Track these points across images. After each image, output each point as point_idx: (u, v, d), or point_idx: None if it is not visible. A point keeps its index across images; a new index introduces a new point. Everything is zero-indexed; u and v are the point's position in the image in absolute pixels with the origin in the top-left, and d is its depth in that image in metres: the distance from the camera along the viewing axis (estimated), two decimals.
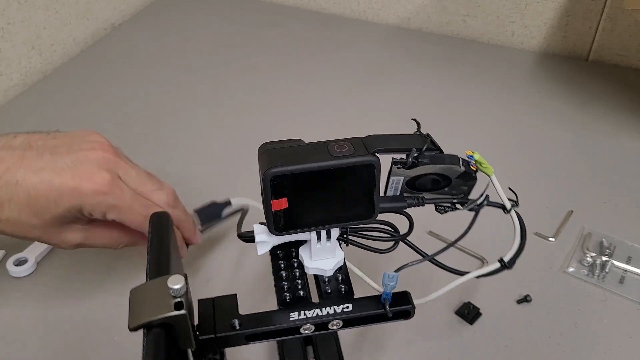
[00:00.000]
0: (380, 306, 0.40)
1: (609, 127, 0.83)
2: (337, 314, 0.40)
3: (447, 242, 0.64)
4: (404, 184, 0.40)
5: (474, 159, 0.39)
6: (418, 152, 0.38)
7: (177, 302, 0.36)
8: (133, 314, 0.36)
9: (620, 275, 0.62)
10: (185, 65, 0.97)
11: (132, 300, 0.37)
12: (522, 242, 0.41)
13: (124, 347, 0.55)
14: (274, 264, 0.44)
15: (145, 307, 0.36)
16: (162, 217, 0.44)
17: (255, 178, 0.38)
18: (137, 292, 0.38)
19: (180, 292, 0.37)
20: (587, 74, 0.94)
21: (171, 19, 1.11)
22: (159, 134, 0.83)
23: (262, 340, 0.40)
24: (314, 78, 0.94)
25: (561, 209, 0.69)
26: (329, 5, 1.13)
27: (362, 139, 0.38)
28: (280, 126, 0.83)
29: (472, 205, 0.40)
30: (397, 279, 0.39)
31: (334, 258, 0.42)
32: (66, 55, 1.00)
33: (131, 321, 0.36)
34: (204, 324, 0.40)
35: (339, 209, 0.39)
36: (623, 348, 0.55)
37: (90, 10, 1.03)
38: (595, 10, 0.94)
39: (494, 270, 0.41)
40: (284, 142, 0.39)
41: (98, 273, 0.62)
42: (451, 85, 0.92)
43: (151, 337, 0.35)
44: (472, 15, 1.03)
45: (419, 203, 0.41)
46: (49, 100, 0.90)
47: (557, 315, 0.58)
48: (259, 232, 0.41)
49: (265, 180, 0.36)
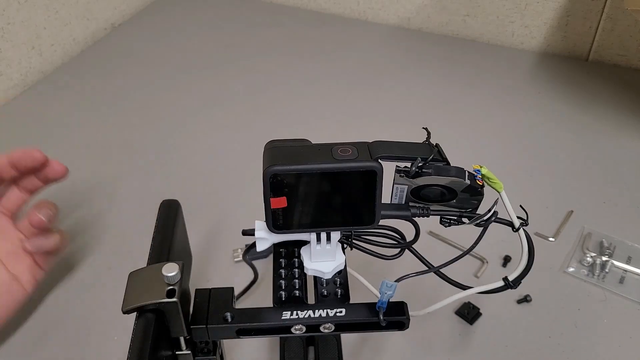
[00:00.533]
0: (375, 314, 0.40)
1: (609, 127, 0.83)
2: (330, 318, 0.40)
3: (447, 242, 0.64)
4: (408, 193, 0.39)
5: (480, 173, 0.38)
6: (423, 162, 0.38)
7: (169, 289, 0.37)
8: (127, 297, 0.37)
9: (620, 275, 0.62)
10: (185, 65, 0.97)
11: (129, 284, 0.38)
12: (530, 263, 0.39)
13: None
14: (275, 262, 0.44)
15: (139, 291, 0.37)
16: (172, 204, 0.44)
17: (256, 178, 0.38)
18: (134, 276, 0.39)
19: (173, 279, 0.37)
20: (587, 74, 0.94)
21: (171, 19, 1.11)
22: (159, 133, 0.83)
23: (253, 336, 0.40)
24: (314, 78, 0.94)
25: (561, 209, 0.69)
26: (329, 5, 1.13)
27: (368, 144, 0.38)
28: (280, 126, 0.83)
29: (479, 221, 0.39)
30: (395, 289, 0.39)
31: (334, 261, 0.42)
32: (66, 55, 1.00)
33: (125, 304, 0.37)
34: (197, 313, 0.40)
35: (339, 212, 0.39)
36: (623, 348, 0.55)
37: (90, 10, 1.03)
38: (595, 10, 0.94)
39: (497, 288, 0.41)
40: (291, 141, 0.39)
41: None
42: (451, 85, 0.92)
43: (141, 322, 0.36)
44: (472, 15, 1.03)
45: (424, 214, 0.40)
46: (49, 100, 0.90)
47: (557, 315, 0.58)
48: (259, 228, 0.41)
49: (266, 177, 0.36)
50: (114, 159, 0.78)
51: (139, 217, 0.69)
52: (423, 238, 0.41)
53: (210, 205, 0.70)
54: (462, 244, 0.63)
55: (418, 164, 0.37)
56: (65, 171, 0.57)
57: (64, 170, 0.57)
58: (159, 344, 0.36)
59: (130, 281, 0.38)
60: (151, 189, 0.73)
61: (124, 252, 0.65)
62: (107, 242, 0.66)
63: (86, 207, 0.59)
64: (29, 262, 0.56)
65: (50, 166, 0.56)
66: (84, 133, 0.83)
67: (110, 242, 0.66)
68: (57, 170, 0.56)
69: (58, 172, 0.56)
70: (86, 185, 0.73)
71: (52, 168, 0.56)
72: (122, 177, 0.75)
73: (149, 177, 0.75)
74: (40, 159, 0.55)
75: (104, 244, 0.66)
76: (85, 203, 0.59)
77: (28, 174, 0.57)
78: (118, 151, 0.80)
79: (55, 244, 0.57)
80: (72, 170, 0.72)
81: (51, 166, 0.56)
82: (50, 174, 0.56)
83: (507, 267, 0.62)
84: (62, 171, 0.56)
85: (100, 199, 0.72)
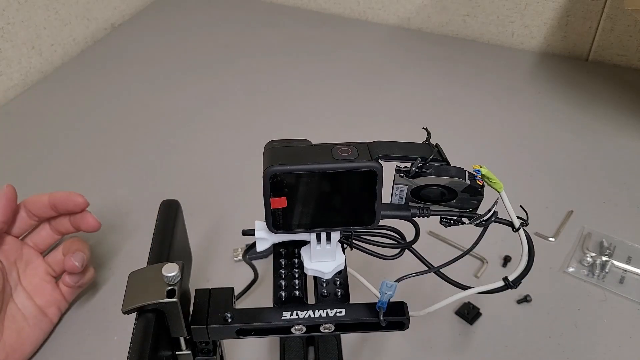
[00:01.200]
0: (375, 314, 0.40)
1: (609, 127, 0.83)
2: (330, 318, 0.40)
3: (447, 242, 0.64)
4: (408, 193, 0.39)
5: (480, 174, 0.38)
6: (423, 162, 0.38)
7: (169, 289, 0.37)
8: (127, 297, 0.37)
9: (620, 275, 0.62)
10: (185, 65, 0.97)
11: (129, 284, 0.38)
12: (530, 263, 0.39)
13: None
14: (275, 262, 0.44)
15: (139, 291, 0.37)
16: (172, 204, 0.44)
17: (256, 178, 0.38)
18: (134, 276, 0.39)
19: (173, 280, 0.37)
20: (587, 74, 0.94)
21: (171, 19, 1.11)
22: (159, 134, 0.83)
23: (253, 336, 0.40)
24: (314, 78, 0.94)
25: (561, 209, 0.69)
26: (329, 5, 1.13)
27: (368, 144, 0.38)
28: (280, 126, 0.83)
29: (479, 221, 0.39)
30: (395, 289, 0.39)
31: (334, 262, 0.42)
32: (66, 55, 1.00)
33: (125, 304, 0.37)
34: (197, 313, 0.40)
35: (339, 212, 0.39)
36: (623, 348, 0.55)
37: (90, 10, 1.03)
38: (595, 10, 0.94)
39: (497, 288, 0.41)
40: (291, 142, 0.39)
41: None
42: (451, 85, 0.92)
43: (141, 322, 0.36)
44: (472, 15, 1.03)
45: (424, 214, 0.40)
46: (49, 100, 0.90)
47: (557, 315, 0.58)
48: (260, 228, 0.41)
49: (265, 177, 0.36)
50: (114, 159, 0.78)
51: (139, 217, 0.69)
52: (423, 238, 0.41)
53: (210, 205, 0.70)
54: (462, 244, 0.63)
55: (418, 164, 0.37)
56: (98, 227, 0.58)
57: (96, 225, 0.58)
58: (159, 344, 0.36)
59: (130, 281, 0.38)
60: (151, 189, 0.73)
61: (124, 252, 0.65)
62: (108, 242, 0.66)
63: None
64: (56, 296, 0.57)
65: (85, 219, 0.57)
66: (84, 133, 0.83)
67: (111, 242, 0.66)
68: (91, 224, 0.58)
69: (90, 226, 0.58)
70: (86, 185, 0.73)
71: (87, 221, 0.58)
72: (122, 177, 0.75)
73: (149, 177, 0.75)
74: (82, 205, 0.57)
75: (104, 244, 0.66)
76: None
77: (63, 215, 0.58)
78: (118, 151, 0.80)
79: (91, 277, 0.59)
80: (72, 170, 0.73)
81: (85, 219, 0.57)
82: (83, 226, 0.58)
83: (507, 267, 0.62)
84: (95, 226, 0.58)
85: (100, 199, 0.72)
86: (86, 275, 0.58)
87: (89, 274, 0.59)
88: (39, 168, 0.77)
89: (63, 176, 0.75)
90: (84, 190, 0.57)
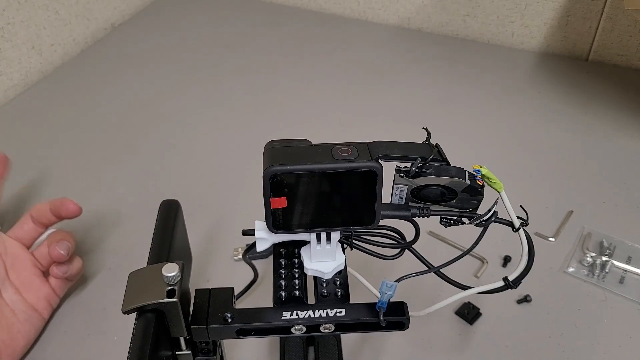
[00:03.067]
0: (375, 314, 0.40)
1: (609, 127, 0.83)
2: (330, 318, 0.40)
3: (447, 242, 0.64)
4: (408, 193, 0.40)
5: (480, 173, 0.38)
6: (423, 162, 0.38)
7: (169, 289, 0.37)
8: (127, 297, 0.37)
9: (620, 275, 0.62)
10: (185, 65, 0.97)
11: (129, 284, 0.38)
12: (530, 263, 0.39)
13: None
14: (275, 262, 0.44)
15: (139, 291, 0.37)
16: (172, 204, 0.44)
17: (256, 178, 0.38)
18: (134, 276, 0.39)
19: (173, 280, 0.37)
20: (587, 74, 0.94)
21: (171, 19, 1.11)
22: (159, 134, 0.83)
23: (253, 336, 0.40)
24: (314, 78, 0.94)
25: (561, 209, 0.69)
26: (329, 5, 1.13)
27: (368, 144, 0.38)
28: (280, 126, 0.83)
29: (479, 221, 0.39)
30: (395, 289, 0.39)
31: (334, 262, 0.42)
32: (66, 55, 1.00)
33: (125, 304, 0.37)
34: (197, 313, 0.40)
35: (339, 212, 0.39)
36: (623, 348, 0.55)
37: (90, 10, 1.03)
38: (595, 10, 0.94)
39: (497, 288, 0.41)
40: (291, 142, 0.39)
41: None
42: (451, 85, 0.92)
43: (141, 322, 0.36)
44: (472, 15, 1.03)
45: (424, 214, 0.40)
46: (49, 100, 0.90)
47: (557, 315, 0.58)
48: (260, 228, 0.41)
49: (265, 177, 0.36)
50: (114, 159, 0.78)
51: (139, 217, 0.69)
52: (423, 238, 0.41)
53: (210, 205, 0.70)
54: (462, 244, 0.63)
55: (418, 164, 0.37)
56: (79, 211, 0.58)
57: (77, 210, 0.58)
58: (159, 344, 0.36)
59: (130, 281, 0.38)
60: (151, 189, 0.73)
61: (124, 252, 0.65)
62: (107, 242, 0.66)
63: (86, 208, 0.59)
64: (46, 290, 0.57)
65: (65, 205, 0.58)
66: (84, 133, 0.83)
67: (110, 242, 0.66)
68: (71, 210, 0.58)
69: (71, 212, 0.58)
70: (86, 185, 0.74)
71: (67, 207, 0.58)
72: (122, 177, 0.75)
73: (149, 177, 0.75)
74: (76, 211, 0.58)
75: (104, 244, 0.66)
76: (85, 203, 0.59)
77: (43, 205, 0.58)
78: (118, 151, 0.80)
79: (79, 268, 0.58)
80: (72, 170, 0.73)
81: (65, 205, 0.58)
82: (64, 213, 0.58)
83: (507, 267, 0.62)
84: (75, 210, 0.58)
85: (100, 199, 0.72)
86: (74, 265, 0.57)
87: (77, 264, 0.58)
88: (39, 168, 0.77)
89: (63, 176, 0.75)
90: (84, 190, 0.57)
